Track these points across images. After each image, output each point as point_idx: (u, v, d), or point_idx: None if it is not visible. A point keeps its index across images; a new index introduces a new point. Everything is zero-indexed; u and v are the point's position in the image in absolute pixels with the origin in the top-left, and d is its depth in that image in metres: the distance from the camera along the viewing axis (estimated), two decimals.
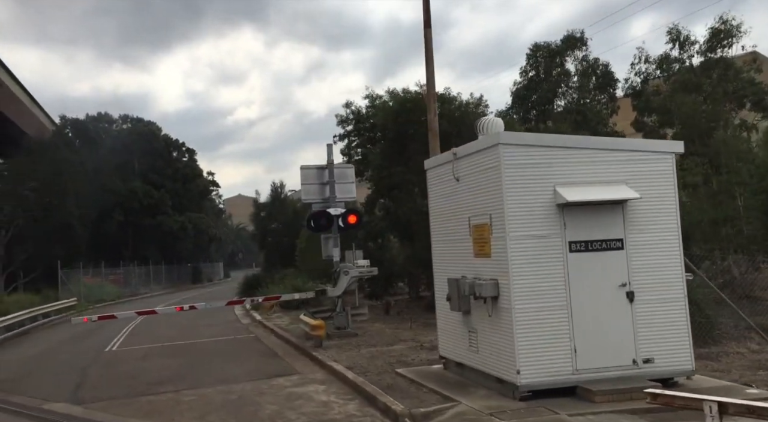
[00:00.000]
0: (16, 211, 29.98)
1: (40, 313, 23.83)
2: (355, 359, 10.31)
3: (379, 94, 17.99)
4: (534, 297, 6.75)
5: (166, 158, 47.98)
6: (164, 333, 17.03)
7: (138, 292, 38.61)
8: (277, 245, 26.87)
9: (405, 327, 14.06)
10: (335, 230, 13.13)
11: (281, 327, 15.83)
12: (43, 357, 14.27)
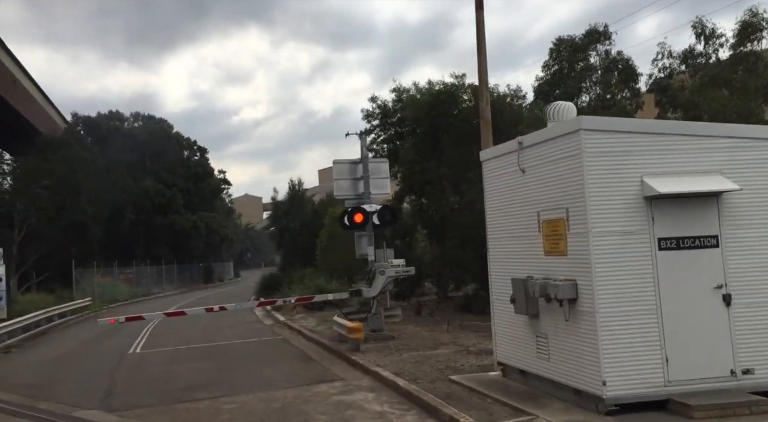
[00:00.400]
0: (29, 209, 29.59)
1: (55, 313, 23.40)
2: (400, 364, 9.71)
3: (406, 87, 17.40)
4: (620, 299, 6.11)
5: (178, 156, 47.53)
6: (187, 335, 16.50)
7: (151, 292, 38.19)
8: (295, 244, 26.31)
9: (441, 329, 13.44)
10: (370, 228, 12.53)
11: (309, 329, 15.26)
12: (66, 360, 13.76)
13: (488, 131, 8.94)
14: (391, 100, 17.49)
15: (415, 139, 15.07)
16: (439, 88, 14.56)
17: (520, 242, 7.54)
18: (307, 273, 24.65)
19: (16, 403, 9.26)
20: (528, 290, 7.07)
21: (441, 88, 14.49)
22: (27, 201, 29.09)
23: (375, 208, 12.44)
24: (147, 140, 44.06)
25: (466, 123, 13.79)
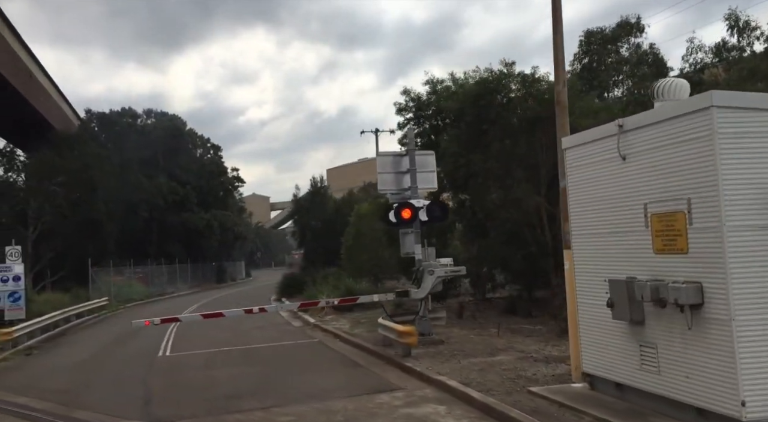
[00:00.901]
0: (43, 207, 28.99)
1: (73, 313, 22.78)
2: (462, 372, 8.90)
3: (440, 79, 16.59)
4: (760, 305, 5.28)
5: (191, 154, 46.90)
6: (216, 336, 15.76)
7: (165, 292, 37.56)
8: (316, 243, 25.55)
9: (490, 333, 12.62)
10: (418, 224, 11.73)
11: (345, 332, 14.48)
12: (93, 363, 13.04)
13: (565, 117, 8.16)
14: (425, 93, 16.71)
15: (458, 131, 14.25)
16: (487, 76, 13.75)
17: (618, 239, 6.71)
18: (330, 273, 23.91)
19: (50, 412, 8.54)
20: (632, 293, 6.25)
21: (489, 76, 13.68)
22: (42, 198, 28.49)
23: (423, 204, 11.64)
24: (160, 137, 43.43)
25: (515, 113, 12.98)
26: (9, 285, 19.13)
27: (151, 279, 36.33)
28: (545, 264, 13.97)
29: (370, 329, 14.57)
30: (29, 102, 27.45)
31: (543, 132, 12.73)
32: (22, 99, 26.63)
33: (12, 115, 27.49)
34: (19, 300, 19.24)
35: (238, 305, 27.35)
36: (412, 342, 10.23)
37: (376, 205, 22.25)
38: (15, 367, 13.44)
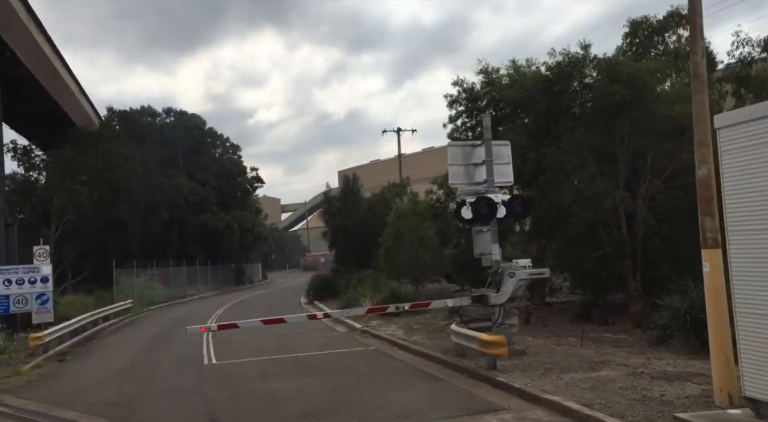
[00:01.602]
0: (66, 206, 28.17)
1: (100, 316, 21.90)
2: (571, 390, 7.79)
3: (495, 67, 15.49)
4: None
5: (210, 153, 46.10)
6: (258, 342, 14.74)
7: (186, 294, 36.70)
8: (348, 243, 24.52)
9: (568, 342, 11.51)
10: (495, 222, 10.63)
11: (402, 339, 13.40)
12: (136, 372, 12.06)
13: (704, 92, 7.03)
14: (480, 82, 15.61)
15: (524, 122, 13.18)
16: (562, 59, 12.67)
17: None
18: (366, 275, 22.84)
19: None
20: None
21: (564, 59, 12.59)
22: (65, 197, 27.67)
23: (501, 199, 10.55)
24: (180, 136, 42.70)
25: (592, 100, 11.88)
26: (37, 286, 18.23)
27: (172, 281, 35.47)
28: (621, 267, 12.83)
29: (430, 336, 13.51)
30: (53, 97, 26.68)
31: (626, 119, 11.62)
32: (47, 94, 25.87)
33: (35, 111, 26.75)
34: (47, 303, 18.33)
35: (268, 308, 26.34)
36: (502, 354, 9.13)
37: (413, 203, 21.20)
38: (51, 375, 12.50)
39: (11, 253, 18.98)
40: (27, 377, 12.26)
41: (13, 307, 17.94)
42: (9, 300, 17.91)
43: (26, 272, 18.22)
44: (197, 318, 23.60)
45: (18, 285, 18.02)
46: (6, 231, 18.86)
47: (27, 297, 18.07)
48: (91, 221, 29.50)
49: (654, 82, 12.15)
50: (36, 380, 11.89)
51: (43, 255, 18.79)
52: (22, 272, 18.15)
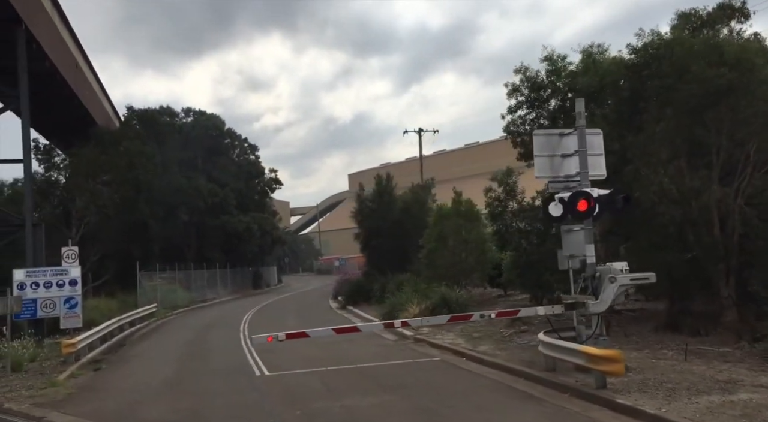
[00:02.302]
0: (88, 206, 27.29)
1: (126, 321, 20.92)
2: (723, 419, 6.62)
3: (561, 54, 14.37)
4: None
5: (229, 154, 45.18)
6: (305, 351, 13.65)
7: (207, 297, 35.70)
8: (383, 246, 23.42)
9: (666, 356, 10.35)
10: (590, 221, 9.48)
11: (469, 349, 12.27)
12: (183, 384, 11.03)
13: None
14: (545, 70, 14.49)
15: (607, 110, 12.06)
16: (652, 40, 11.55)
17: None
18: (404, 279, 21.73)
19: None
20: None
21: (654, 40, 11.47)
22: (87, 197, 26.78)
23: (598, 193, 9.41)
24: (199, 136, 41.83)
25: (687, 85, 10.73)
26: (65, 289, 17.24)
27: (193, 284, 34.49)
28: (712, 271, 11.63)
29: (499, 346, 12.38)
30: (76, 94, 25.82)
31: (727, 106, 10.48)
32: (70, 91, 24.99)
33: (58, 108, 25.88)
34: (75, 307, 17.33)
35: (299, 313, 25.08)
36: (617, 372, 7.96)
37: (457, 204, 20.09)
38: (90, 386, 11.47)
39: (38, 255, 18.03)
40: (65, 388, 11.26)
41: (40, 312, 16.97)
42: (36, 305, 16.93)
43: (54, 274, 17.25)
44: (227, 323, 22.59)
45: (46, 288, 17.05)
46: (33, 232, 17.93)
47: (55, 301, 17.09)
48: (112, 222, 28.59)
49: (762, 63, 10.99)
50: (76, 392, 10.87)
51: (72, 257, 17.82)
52: (50, 274, 17.18)
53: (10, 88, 18.62)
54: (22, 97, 18.61)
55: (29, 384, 11.94)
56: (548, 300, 16.27)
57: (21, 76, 18.28)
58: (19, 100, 18.61)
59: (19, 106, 18.67)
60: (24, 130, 19.22)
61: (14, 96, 18.64)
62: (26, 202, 18.04)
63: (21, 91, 18.55)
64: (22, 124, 19.10)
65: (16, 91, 18.61)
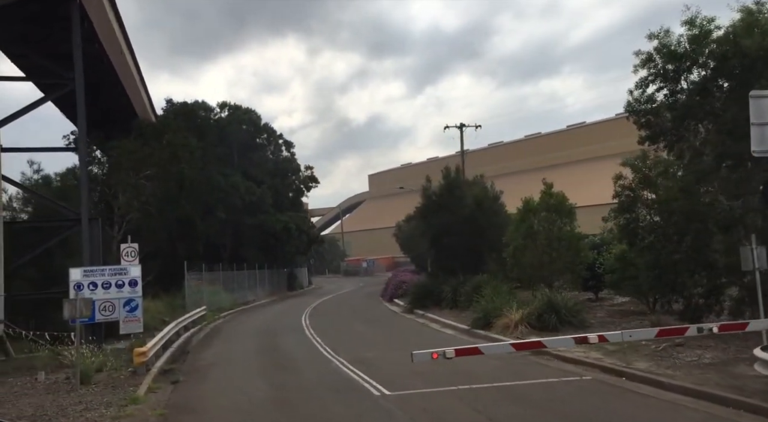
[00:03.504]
0: (131, 203, 25.73)
1: (182, 326, 19.24)
2: None
3: (709, 17, 12.28)
4: None
5: (265, 150, 43.56)
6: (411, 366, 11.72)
7: (247, 299, 34.02)
8: (454, 245, 21.48)
9: None
10: None
11: (619, 365, 10.26)
12: (292, 404, 9.22)
13: None
14: (686, 36, 12.44)
15: None
16: None
17: None
18: (481, 281, 19.76)
19: None
20: None
21: None
22: (131, 192, 25.21)
23: None
24: (235, 132, 40.24)
25: None
26: (125, 291, 15.56)
27: (236, 286, 32.82)
28: None
29: (662, 362, 10.31)
30: (121, 81, 24.29)
31: None
32: (115, 77, 23.46)
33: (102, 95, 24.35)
34: (136, 310, 15.65)
35: (361, 317, 22.53)
36: None
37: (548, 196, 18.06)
38: (181, 405, 9.69)
39: (95, 253, 16.39)
40: (150, 407, 9.51)
41: (99, 315, 15.28)
42: (95, 307, 15.23)
43: (113, 274, 15.58)
44: (289, 328, 20.80)
45: (104, 289, 15.38)
46: (90, 228, 16.30)
47: (114, 304, 15.42)
48: (155, 220, 27.00)
49: None
50: (168, 413, 9.10)
51: (132, 255, 16.15)
52: (108, 274, 15.52)
53: (65, 71, 17.05)
54: (78, 79, 17.06)
55: (106, 401, 10.23)
56: (662, 305, 14.25)
57: (76, 56, 16.72)
58: (74, 83, 17.04)
59: (74, 88, 17.08)
60: (79, 115, 17.68)
61: (69, 78, 17.06)
62: (82, 193, 16.43)
63: (76, 73, 16.99)
64: (78, 108, 17.55)
65: (70, 74, 17.03)
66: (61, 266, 18.13)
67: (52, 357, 14.04)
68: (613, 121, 68.49)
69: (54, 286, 18.00)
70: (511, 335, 14.23)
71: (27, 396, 10.98)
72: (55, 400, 10.50)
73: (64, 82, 17.27)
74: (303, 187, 46.33)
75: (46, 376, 12.42)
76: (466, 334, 15.69)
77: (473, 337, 15.17)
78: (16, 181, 18.76)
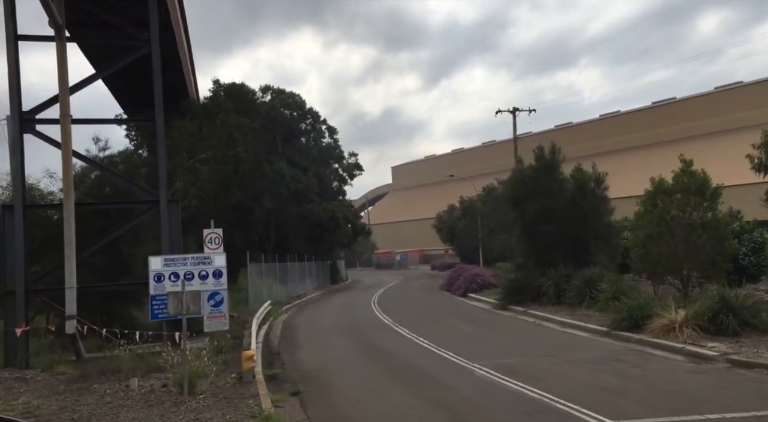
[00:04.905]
0: (188, 188, 23.80)
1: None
2: None
3: None
4: None
5: (310, 136, 41.49)
6: (552, 380, 9.53)
7: (299, 292, 32.05)
8: (552, 234, 19.09)
9: None
10: None
11: None
12: None
13: None
14: None
15: None
16: None
17: None
18: (593, 274, 17.41)
19: None
20: None
21: None
22: (188, 177, 23.27)
23: None
24: (280, 116, 38.20)
25: None
26: (209, 282, 13.50)
27: (289, 278, 30.86)
28: None
29: None
30: (180, 57, 22.26)
31: None
32: (175, 52, 21.45)
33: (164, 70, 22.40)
34: (221, 305, 13.59)
35: (436, 312, 19.63)
36: None
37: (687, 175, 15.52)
38: None
39: (175, 239, 14.38)
40: None
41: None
42: None
43: (196, 263, 13.51)
44: (365, 322, 18.70)
45: (187, 280, 13.32)
46: (169, 210, 14.31)
47: (197, 297, 13.39)
48: (210, 207, 25.04)
49: None
50: None
51: (216, 242, 14.19)
52: (191, 263, 13.47)
53: (139, 31, 14.98)
54: (153, 40, 15.01)
55: (228, 418, 8.18)
56: None
57: (152, 13, 14.64)
58: (150, 45, 14.98)
59: (150, 51, 15.02)
60: (156, 81, 15.67)
61: (144, 39, 14.99)
62: (160, 170, 14.41)
63: (152, 33, 14.94)
64: (154, 74, 15.50)
65: (145, 35, 14.96)
66: (128, 254, 16.23)
67: (134, 359, 12.09)
68: (705, 96, 65.76)
69: (120, 277, 16.10)
70: (678, 340, 11.85)
71: (125, 409, 8.97)
72: (164, 416, 8.47)
73: (137, 45, 15.20)
74: (346, 174, 44.23)
75: (138, 383, 10.43)
76: (609, 337, 13.31)
77: (623, 342, 12.76)
78: (89, 157, 16.95)
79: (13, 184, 13.39)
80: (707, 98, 66.47)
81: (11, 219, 13.09)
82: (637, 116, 72.11)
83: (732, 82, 66.17)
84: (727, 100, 62.07)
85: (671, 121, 66.15)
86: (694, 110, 65.34)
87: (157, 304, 12.91)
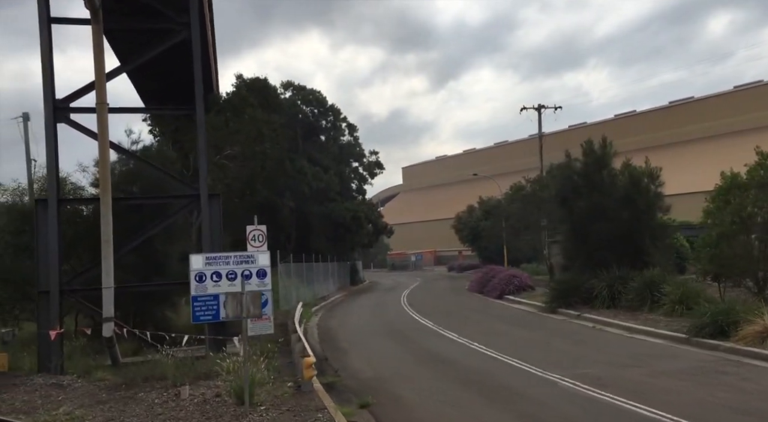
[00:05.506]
0: (215, 185, 22.97)
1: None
2: None
3: None
4: None
5: (330, 134, 40.62)
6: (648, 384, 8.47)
7: (324, 295, 31.11)
8: (604, 232, 18.00)
9: None
10: None
11: None
12: None
13: None
14: None
15: None
16: None
17: None
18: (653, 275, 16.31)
19: None
20: None
21: None
22: (216, 173, 22.45)
23: None
24: (299, 113, 37.35)
25: None
26: (253, 282, 12.53)
27: (314, 278, 29.94)
28: None
29: None
30: (208, 51, 21.41)
31: None
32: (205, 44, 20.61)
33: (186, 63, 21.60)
34: (266, 306, 12.59)
35: (479, 316, 18.81)
36: None
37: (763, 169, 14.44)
38: None
39: (216, 236, 13.47)
40: None
41: (224, 312, 12.37)
42: (218, 302, 12.29)
43: (239, 262, 12.57)
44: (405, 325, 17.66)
45: (230, 280, 12.42)
46: (210, 204, 13.42)
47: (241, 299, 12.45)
48: (237, 205, 24.24)
49: None
50: None
51: (260, 239, 13.24)
52: (234, 262, 12.52)
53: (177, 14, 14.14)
54: (193, 23, 14.16)
55: None
56: None
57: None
58: (190, 28, 14.14)
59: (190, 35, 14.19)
60: (195, 66, 14.82)
61: (183, 23, 14.15)
62: (201, 162, 13.53)
63: (192, 15, 14.09)
64: (194, 59, 14.65)
65: (185, 18, 14.12)
66: (163, 253, 15.35)
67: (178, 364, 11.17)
68: (723, 96, 64.39)
69: (154, 276, 15.23)
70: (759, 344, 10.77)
71: None
72: None
73: (175, 28, 14.34)
74: (367, 173, 43.30)
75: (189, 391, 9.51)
76: (689, 344, 12.19)
77: (709, 350, 11.60)
78: (128, 149, 16.09)
79: (48, 176, 12.54)
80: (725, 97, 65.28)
81: (45, 214, 12.24)
82: (652, 116, 70.77)
83: (751, 81, 64.86)
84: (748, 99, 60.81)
85: (688, 121, 64.85)
86: (713, 110, 63.76)
87: (199, 306, 12.00)
